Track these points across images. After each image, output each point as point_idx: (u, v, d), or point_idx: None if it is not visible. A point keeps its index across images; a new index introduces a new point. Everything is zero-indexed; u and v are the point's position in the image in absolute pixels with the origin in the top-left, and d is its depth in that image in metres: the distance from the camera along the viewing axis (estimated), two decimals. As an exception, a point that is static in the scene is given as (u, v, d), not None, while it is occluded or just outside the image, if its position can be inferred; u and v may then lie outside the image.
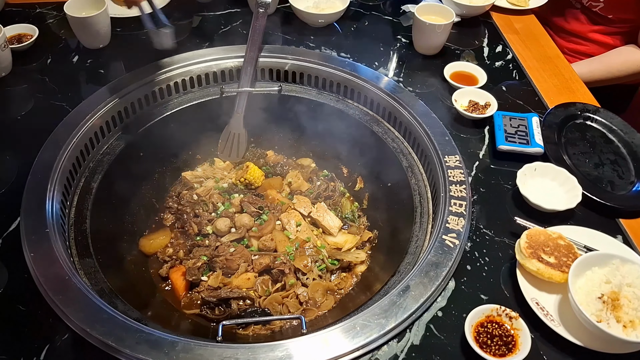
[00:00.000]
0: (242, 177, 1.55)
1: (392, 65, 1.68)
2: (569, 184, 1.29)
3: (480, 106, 1.50)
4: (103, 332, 0.98)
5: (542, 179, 1.31)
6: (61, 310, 1.02)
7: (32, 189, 1.22)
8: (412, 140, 1.46)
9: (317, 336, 1.00)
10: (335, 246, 1.45)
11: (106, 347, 0.97)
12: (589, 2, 1.94)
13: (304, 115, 1.65)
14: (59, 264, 1.08)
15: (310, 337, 1.00)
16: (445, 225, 1.19)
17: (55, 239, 1.13)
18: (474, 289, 1.12)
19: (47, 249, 1.11)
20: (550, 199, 1.25)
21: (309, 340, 0.99)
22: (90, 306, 1.02)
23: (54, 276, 1.06)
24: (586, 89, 1.62)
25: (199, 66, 1.59)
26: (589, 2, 1.94)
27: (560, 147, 1.40)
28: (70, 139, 1.33)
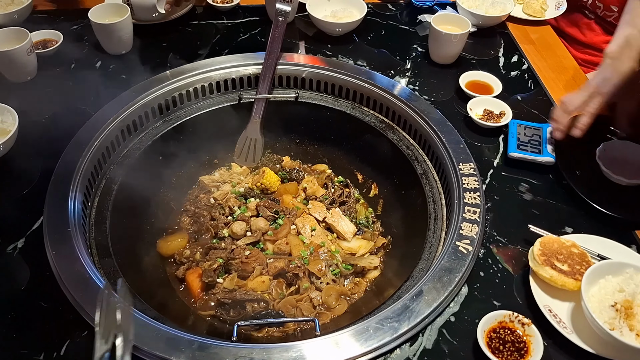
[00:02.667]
0: (258, 182, 1.57)
1: (408, 74, 1.70)
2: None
3: (495, 115, 1.51)
4: (122, 329, 1.00)
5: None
6: (81, 307, 1.04)
7: (55, 189, 1.25)
8: (427, 147, 1.47)
9: (330, 338, 1.02)
10: (349, 251, 1.46)
11: (124, 344, 0.99)
12: (603, 12, 1.94)
13: (320, 122, 1.67)
14: (80, 262, 1.11)
15: (324, 338, 1.02)
16: (459, 231, 1.21)
17: (76, 238, 1.17)
18: (487, 295, 1.13)
19: (68, 247, 1.14)
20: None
21: (322, 342, 1.01)
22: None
23: (75, 274, 1.09)
24: (602, 100, 1.62)
25: (218, 73, 1.62)
26: (603, 11, 1.94)
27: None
28: (92, 142, 1.37)
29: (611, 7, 1.89)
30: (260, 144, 1.64)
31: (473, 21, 1.82)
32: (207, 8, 1.95)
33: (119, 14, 1.65)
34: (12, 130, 1.33)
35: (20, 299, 1.09)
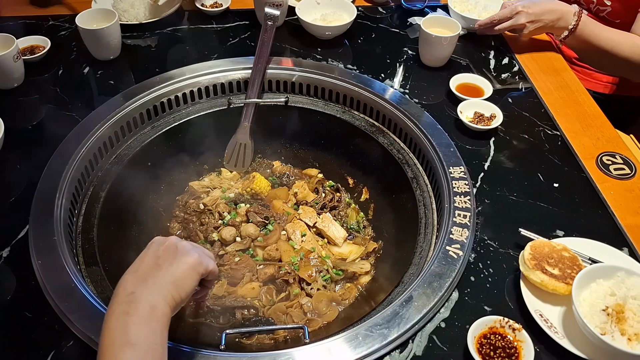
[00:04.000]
0: (248, 187, 1.56)
1: (399, 77, 1.69)
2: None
3: (486, 118, 1.50)
4: (107, 339, 0.99)
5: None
6: (66, 317, 1.03)
7: (41, 197, 1.24)
8: (418, 151, 1.46)
9: (319, 346, 1.01)
10: (340, 256, 1.45)
11: (110, 354, 0.98)
12: (596, 7, 1.93)
13: (310, 127, 1.66)
14: (66, 271, 1.09)
15: (313, 346, 1.00)
16: (449, 236, 1.20)
17: (62, 246, 1.15)
18: (478, 300, 1.12)
19: (54, 256, 1.12)
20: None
21: (311, 350, 1.00)
22: (96, 313, 1.03)
23: (60, 283, 1.07)
24: (593, 102, 1.62)
25: (207, 77, 1.61)
26: (596, 7, 1.92)
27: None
28: (79, 149, 1.35)
29: (605, 2, 1.88)
30: (250, 149, 1.63)
31: (465, 25, 1.81)
32: (196, 12, 1.94)
33: (107, 19, 1.64)
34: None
35: (5, 309, 1.07)
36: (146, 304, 0.81)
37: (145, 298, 0.82)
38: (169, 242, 0.92)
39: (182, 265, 0.89)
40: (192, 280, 0.90)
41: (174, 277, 0.87)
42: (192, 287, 0.90)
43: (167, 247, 0.90)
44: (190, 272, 0.89)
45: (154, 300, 0.82)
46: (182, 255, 0.90)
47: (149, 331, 0.80)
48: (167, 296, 0.84)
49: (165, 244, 0.91)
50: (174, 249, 0.90)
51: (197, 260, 0.91)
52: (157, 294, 0.83)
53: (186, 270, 0.89)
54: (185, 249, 0.91)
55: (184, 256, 0.90)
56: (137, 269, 0.87)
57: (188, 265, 0.89)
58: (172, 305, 0.85)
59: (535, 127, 1.52)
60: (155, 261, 0.88)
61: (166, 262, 0.88)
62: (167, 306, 0.84)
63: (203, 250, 0.97)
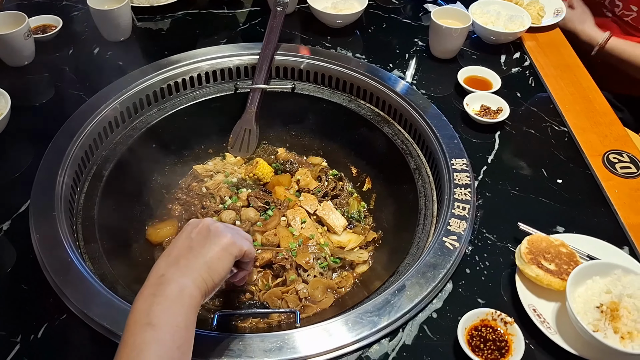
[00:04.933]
0: (251, 172, 1.57)
1: (407, 68, 1.68)
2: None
3: (492, 111, 1.49)
4: (99, 314, 1.00)
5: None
6: (61, 290, 1.04)
7: (44, 173, 1.25)
8: (422, 142, 1.45)
9: (308, 330, 1.01)
10: (339, 245, 1.45)
11: (102, 328, 0.99)
12: (621, 12, 1.89)
13: (316, 114, 1.66)
14: (63, 246, 1.11)
15: (302, 330, 1.01)
16: (446, 227, 1.19)
17: (62, 222, 1.17)
18: (472, 292, 1.11)
19: (52, 231, 1.14)
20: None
21: (300, 334, 1.00)
22: (89, 289, 1.05)
23: (56, 258, 1.09)
24: (603, 99, 1.59)
25: (215, 62, 1.61)
26: (622, 11, 1.89)
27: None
28: (84, 127, 1.37)
29: (631, 7, 1.84)
30: (255, 135, 1.63)
31: (488, 38, 1.77)
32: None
33: (118, 0, 1.65)
34: (4, 113, 1.34)
35: (2, 281, 1.09)
36: (174, 286, 0.81)
37: (175, 280, 0.82)
38: (203, 224, 0.90)
39: (214, 246, 0.87)
40: (225, 262, 0.88)
41: (206, 259, 0.86)
42: (226, 270, 0.89)
43: (201, 229, 0.89)
44: (223, 253, 0.88)
45: (183, 282, 0.82)
46: (215, 236, 0.88)
47: (173, 313, 0.79)
48: (197, 279, 0.83)
49: (198, 226, 0.90)
50: (206, 230, 0.89)
51: (230, 241, 0.89)
52: (187, 276, 0.83)
53: (219, 252, 0.87)
54: (218, 230, 0.89)
55: (217, 237, 0.88)
56: (170, 252, 0.87)
57: (220, 246, 0.88)
58: (203, 288, 0.84)
59: (542, 123, 1.50)
60: (188, 243, 0.87)
61: (199, 244, 0.87)
62: (197, 289, 0.83)
63: (238, 231, 0.95)
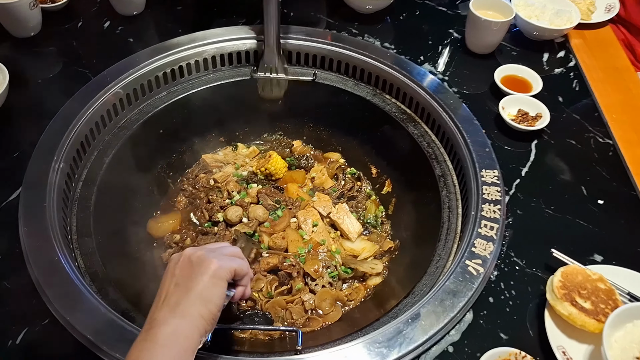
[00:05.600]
0: (263, 166, 1.46)
1: (439, 62, 1.54)
2: None
3: (530, 117, 1.35)
4: (83, 323, 0.92)
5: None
6: (44, 292, 0.96)
7: (38, 158, 1.17)
8: (450, 147, 1.32)
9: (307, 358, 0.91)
10: (352, 253, 1.34)
11: (84, 339, 0.91)
12: None
13: (337, 107, 1.53)
14: (51, 242, 1.03)
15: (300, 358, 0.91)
16: (470, 248, 1.07)
17: (52, 214, 1.08)
18: (494, 325, 1.00)
19: (41, 224, 1.05)
20: None
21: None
22: (75, 293, 0.96)
23: (43, 255, 1.01)
24: (655, 109, 1.44)
25: (232, 44, 1.50)
26: None
27: None
28: (86, 109, 1.27)
29: None
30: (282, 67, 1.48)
31: (530, 33, 1.62)
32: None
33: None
34: (2, 89, 1.25)
35: (-17, 278, 1.01)
36: (165, 328, 0.76)
37: (166, 322, 0.77)
38: (183, 257, 0.85)
39: (202, 276, 0.81)
40: (218, 289, 0.82)
41: (197, 292, 0.80)
42: (221, 297, 0.83)
43: (182, 264, 0.84)
44: (214, 280, 0.82)
45: (175, 323, 0.77)
46: (199, 266, 0.83)
47: (165, 357, 0.74)
48: (192, 315, 0.78)
49: (179, 262, 0.85)
50: (188, 262, 0.84)
51: (217, 265, 0.83)
52: (180, 315, 0.78)
53: (208, 280, 0.81)
54: (201, 259, 0.83)
55: (202, 266, 0.82)
56: (160, 296, 0.82)
57: (207, 275, 0.82)
58: (202, 325, 0.79)
59: (585, 133, 1.36)
60: (174, 281, 0.82)
61: (185, 278, 0.82)
62: (194, 327, 0.77)
63: (222, 250, 0.89)
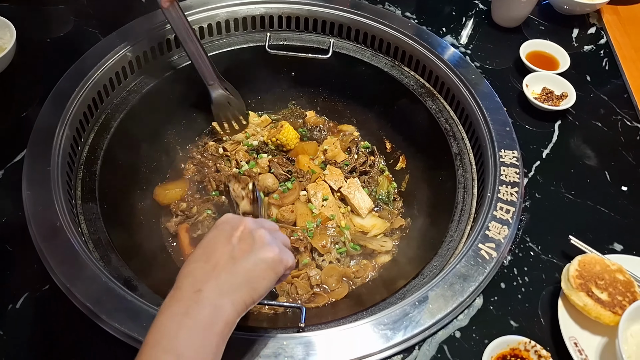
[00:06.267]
0: (274, 136, 1.42)
1: (462, 34, 1.47)
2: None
3: (555, 96, 1.29)
4: (83, 291, 0.90)
5: None
6: (45, 258, 0.94)
7: (44, 120, 1.14)
8: (468, 124, 1.27)
9: (311, 337, 0.89)
10: (361, 229, 1.31)
11: (84, 307, 0.90)
12: None
13: (353, 78, 1.48)
14: (54, 208, 1.00)
15: (303, 337, 0.89)
16: (484, 231, 1.03)
17: (56, 179, 1.05)
18: (504, 312, 0.97)
19: (45, 189, 1.03)
20: None
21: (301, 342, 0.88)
22: (76, 260, 0.94)
23: (45, 220, 0.99)
24: (689, 93, 1.37)
25: (246, 7, 1.44)
26: None
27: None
28: (94, 71, 1.24)
29: None
30: (235, 103, 1.42)
31: (560, 7, 1.53)
32: None
33: None
34: (8, 47, 1.22)
35: (-15, 239, 1.00)
36: (211, 309, 0.69)
37: (212, 301, 0.69)
38: (245, 228, 0.76)
39: (260, 263, 0.74)
40: (268, 282, 0.75)
41: (250, 277, 0.73)
42: (268, 289, 0.75)
43: (243, 236, 0.75)
44: (269, 273, 0.74)
45: (221, 304, 0.69)
46: (260, 248, 0.75)
47: (203, 342, 0.67)
48: (237, 300, 0.71)
49: (240, 230, 0.76)
50: (250, 238, 0.75)
51: (277, 257, 0.75)
52: (227, 296, 0.70)
53: (264, 270, 0.74)
54: (263, 241, 0.75)
55: (264, 250, 0.75)
56: (209, 258, 0.73)
57: (267, 264, 0.74)
58: (241, 311, 0.72)
59: (612, 115, 1.30)
60: (230, 251, 0.74)
61: (242, 254, 0.73)
62: (235, 313, 0.71)
63: (283, 239, 0.82)
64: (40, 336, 0.90)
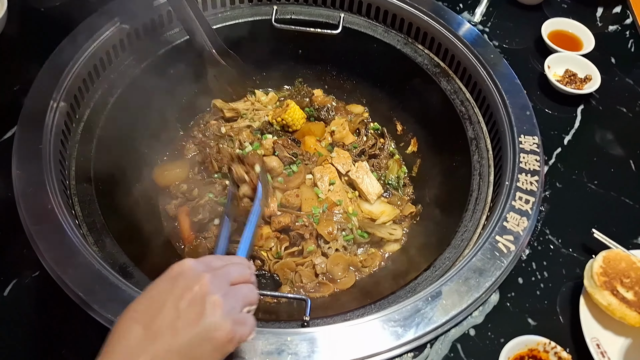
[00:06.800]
0: (279, 116, 1.35)
1: (480, 10, 1.40)
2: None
3: (578, 79, 1.22)
4: (74, 279, 0.85)
5: None
6: (35, 242, 0.88)
7: (36, 95, 1.07)
8: (485, 107, 1.20)
9: (316, 332, 0.84)
10: (369, 216, 1.25)
11: (75, 296, 0.84)
12: None
13: (364, 55, 1.41)
14: (45, 189, 0.94)
15: (308, 332, 0.84)
16: (502, 223, 0.97)
17: (47, 157, 0.99)
18: (522, 309, 0.92)
19: (35, 168, 0.97)
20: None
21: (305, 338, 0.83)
22: (68, 245, 0.89)
23: (36, 201, 0.93)
24: None
25: (252, -22, 1.36)
26: None
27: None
28: (89, 43, 1.16)
29: None
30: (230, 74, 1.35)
31: None
32: None
33: None
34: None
35: (-28, 221, 0.94)
36: None
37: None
38: (200, 290, 0.65)
39: (205, 342, 0.64)
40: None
41: (190, 357, 0.63)
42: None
43: (195, 300, 0.65)
44: (214, 354, 0.65)
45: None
46: (210, 324, 0.64)
47: None
48: None
49: (193, 292, 0.65)
50: (201, 306, 0.64)
51: (227, 338, 0.65)
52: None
53: (209, 352, 0.64)
54: (216, 314, 0.64)
55: (212, 328, 0.64)
56: (150, 322, 0.64)
57: (213, 345, 0.64)
58: None
59: (638, 100, 1.23)
60: (174, 321, 0.63)
61: (188, 327, 0.63)
62: None
63: (244, 296, 0.70)
64: (29, 327, 0.85)
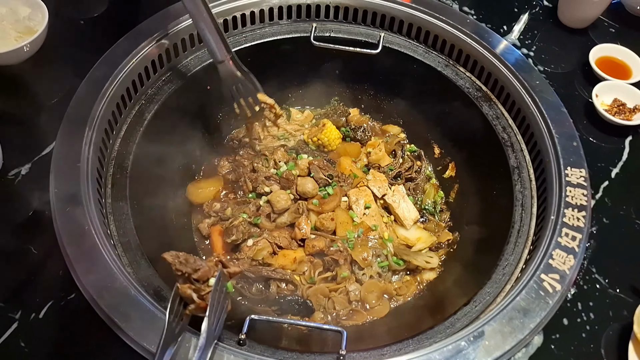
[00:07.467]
0: (315, 135, 1.33)
1: (525, 34, 1.36)
2: None
3: (628, 109, 1.17)
4: (110, 304, 0.84)
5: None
6: (72, 264, 0.88)
7: (75, 110, 1.06)
8: (529, 135, 1.16)
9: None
10: (405, 242, 1.22)
11: (110, 321, 0.83)
12: None
13: (402, 75, 1.38)
14: (82, 208, 0.93)
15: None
16: (547, 260, 0.93)
17: (86, 175, 0.99)
18: (566, 351, 0.88)
19: (73, 187, 0.96)
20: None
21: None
22: (104, 268, 0.88)
23: (73, 222, 0.92)
24: None
25: (295, -5, 1.35)
26: None
27: None
28: (129, 59, 1.16)
29: None
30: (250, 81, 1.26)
31: (634, 8, 1.40)
32: None
33: None
34: (40, 29, 1.15)
35: (10, 239, 0.94)
36: None
37: None
38: None
39: None
40: None
41: None
42: None
43: None
44: None
45: None
46: None
47: None
48: None
49: None
50: None
51: None
52: None
53: None
54: None
55: None
56: None
57: None
58: None
59: (690, 133, 1.18)
60: None
61: None
62: None
63: None
64: (64, 350, 0.84)
